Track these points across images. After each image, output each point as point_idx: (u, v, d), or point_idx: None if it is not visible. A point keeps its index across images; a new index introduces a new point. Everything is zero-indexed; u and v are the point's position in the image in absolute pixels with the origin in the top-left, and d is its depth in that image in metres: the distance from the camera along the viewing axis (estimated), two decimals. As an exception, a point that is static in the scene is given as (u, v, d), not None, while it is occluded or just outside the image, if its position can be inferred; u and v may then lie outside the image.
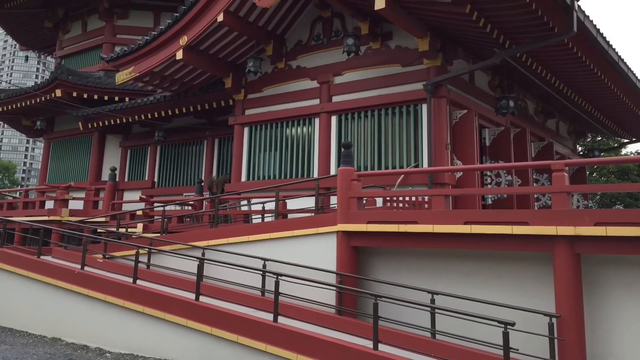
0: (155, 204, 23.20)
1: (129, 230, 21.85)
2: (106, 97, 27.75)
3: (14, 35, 39.82)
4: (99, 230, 22.44)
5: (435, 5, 15.21)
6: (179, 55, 19.93)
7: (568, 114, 25.59)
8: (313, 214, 16.26)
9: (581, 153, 32.60)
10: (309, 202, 17.76)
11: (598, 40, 16.57)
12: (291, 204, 18.63)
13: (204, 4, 19.13)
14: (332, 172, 18.97)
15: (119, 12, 32.28)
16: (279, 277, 13.08)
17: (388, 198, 15.38)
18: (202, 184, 23.50)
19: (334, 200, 17.77)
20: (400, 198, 15.23)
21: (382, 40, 18.91)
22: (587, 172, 31.09)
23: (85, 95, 27.54)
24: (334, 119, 19.63)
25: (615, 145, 38.57)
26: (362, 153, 18.77)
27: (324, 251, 14.71)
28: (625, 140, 33.12)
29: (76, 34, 34.35)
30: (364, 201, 14.97)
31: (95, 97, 27.65)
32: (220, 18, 18.80)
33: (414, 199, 15.22)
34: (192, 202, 22.31)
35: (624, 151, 43.29)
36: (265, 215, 18.37)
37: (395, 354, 11.07)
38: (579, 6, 14.62)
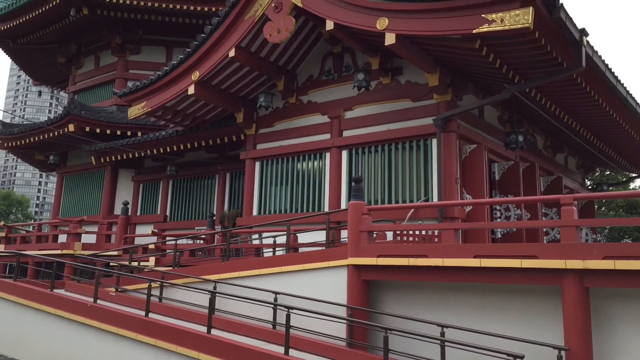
0: (168, 238, 23.35)
1: (142, 263, 21.99)
2: (119, 132, 28.01)
3: (27, 70, 40.36)
4: (111, 264, 22.56)
5: (446, 41, 15.40)
6: (191, 90, 20.13)
7: (577, 148, 25.69)
8: (324, 248, 16.38)
9: (590, 187, 32.63)
10: (320, 235, 17.83)
11: (606, 75, 16.71)
12: (302, 237, 18.69)
13: (216, 39, 19.38)
14: (343, 206, 19.04)
15: (132, 48, 32.72)
16: (290, 310, 13.17)
17: (398, 232, 15.48)
18: (214, 217, 23.63)
19: (344, 234, 17.85)
20: (411, 232, 15.33)
21: (393, 76, 19.10)
22: (596, 206, 31.08)
23: (98, 130, 27.79)
24: (344, 153, 19.77)
25: (624, 179, 38.63)
26: (373, 187, 18.88)
27: (334, 284, 14.77)
28: (634, 175, 33.20)
29: (89, 69, 34.79)
30: (375, 235, 15.05)
31: (108, 131, 27.90)
32: (231, 53, 19.04)
33: (424, 232, 15.32)
34: (204, 236, 22.44)
35: (632, 185, 43.28)
36: (277, 248, 18.48)
37: (406, 386, 11.13)
38: (587, 42, 14.79)
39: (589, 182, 34.37)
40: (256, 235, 20.62)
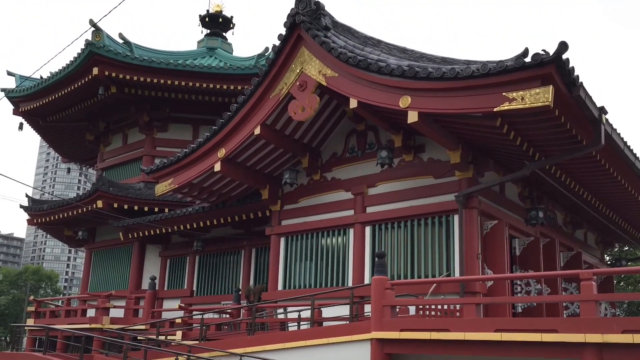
0: (194, 312, 23.55)
1: (169, 337, 22.15)
2: (146, 208, 28.30)
3: (56, 147, 40.75)
4: (139, 338, 22.76)
5: (467, 119, 15.78)
6: (217, 167, 20.49)
7: (596, 224, 25.72)
8: (348, 322, 16.58)
9: (609, 262, 32.54)
10: (344, 310, 17.96)
11: (625, 152, 16.89)
12: (326, 312, 18.80)
13: (242, 117, 19.79)
14: (366, 280, 19.07)
15: (159, 125, 32.98)
16: (315, 383, 13.40)
17: (421, 306, 15.67)
18: (240, 292, 23.79)
19: (368, 308, 17.97)
20: (433, 306, 15.52)
21: (415, 153, 19.35)
22: (615, 281, 31.06)
23: (125, 206, 28.12)
24: (368, 229, 20.00)
25: (642, 255, 38.59)
26: (396, 262, 19.07)
27: (358, 358, 14.90)
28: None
29: (117, 146, 35.17)
30: (397, 309, 15.27)
31: (136, 208, 28.20)
32: (257, 131, 19.42)
33: (446, 307, 15.50)
34: (229, 310, 22.62)
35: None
36: (301, 322, 18.64)
37: None
38: (606, 119, 15.05)
39: (607, 258, 34.35)
40: (281, 310, 20.78)
